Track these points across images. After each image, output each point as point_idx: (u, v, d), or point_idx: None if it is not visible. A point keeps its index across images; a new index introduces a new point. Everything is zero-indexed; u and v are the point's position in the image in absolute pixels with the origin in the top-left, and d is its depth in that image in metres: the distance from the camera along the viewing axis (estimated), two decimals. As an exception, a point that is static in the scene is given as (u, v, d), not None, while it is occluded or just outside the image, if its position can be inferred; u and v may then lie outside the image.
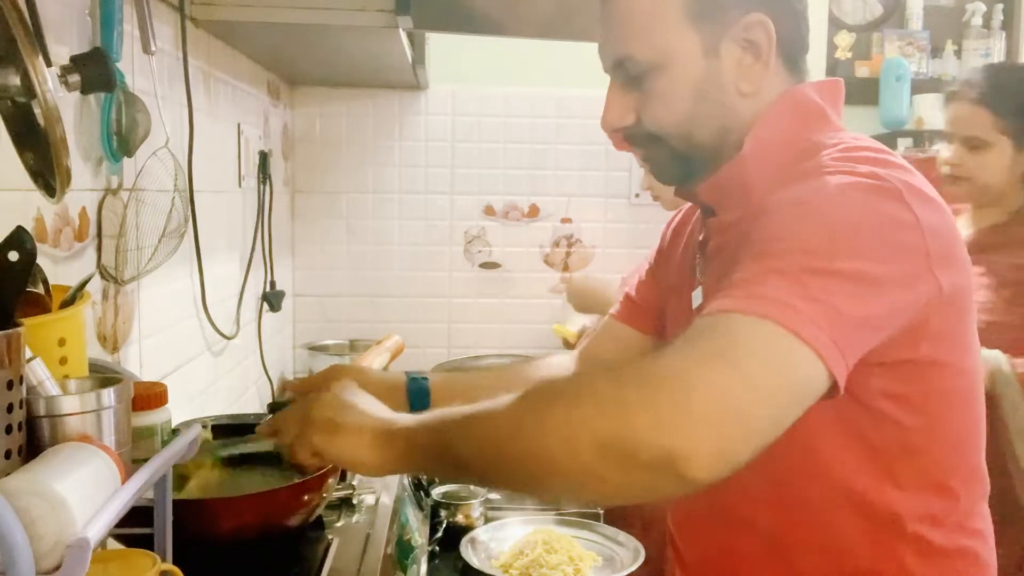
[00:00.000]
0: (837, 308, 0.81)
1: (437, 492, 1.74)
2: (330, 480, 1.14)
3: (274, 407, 1.57)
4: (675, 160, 1.06)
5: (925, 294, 0.88)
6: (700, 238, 1.13)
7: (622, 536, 1.64)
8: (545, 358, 1.38)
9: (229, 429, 1.30)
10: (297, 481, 1.11)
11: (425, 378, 1.28)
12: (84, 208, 1.25)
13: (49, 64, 0.87)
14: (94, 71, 1.11)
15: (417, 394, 1.25)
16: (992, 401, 1.66)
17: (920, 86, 2.93)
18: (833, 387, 0.81)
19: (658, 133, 1.04)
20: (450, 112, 2.85)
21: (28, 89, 0.84)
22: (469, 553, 1.56)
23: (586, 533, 1.67)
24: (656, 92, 1.02)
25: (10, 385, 0.71)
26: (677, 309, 1.17)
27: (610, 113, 1.06)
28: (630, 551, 1.59)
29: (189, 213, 1.51)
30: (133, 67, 1.38)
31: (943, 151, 1.95)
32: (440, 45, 2.68)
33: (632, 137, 1.07)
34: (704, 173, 1.06)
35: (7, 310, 0.73)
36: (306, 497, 1.11)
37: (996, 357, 1.69)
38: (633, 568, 1.53)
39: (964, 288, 0.94)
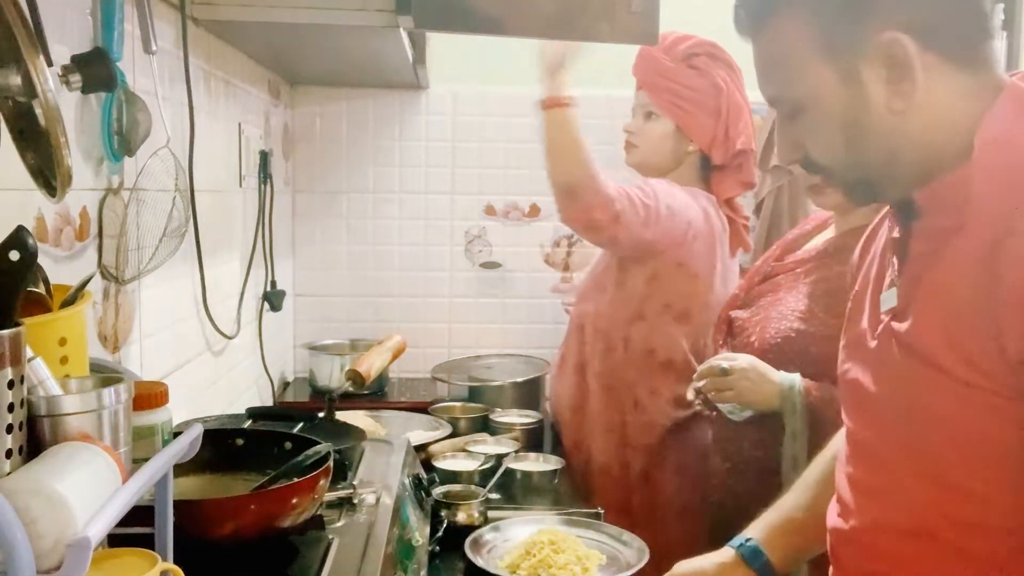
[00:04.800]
0: None
1: (438, 492, 1.73)
2: (322, 481, 1.14)
3: (253, 413, 1.58)
4: (857, 187, 1.05)
5: None
6: (894, 235, 1.07)
7: (626, 535, 1.64)
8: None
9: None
10: (296, 481, 1.11)
11: (749, 538, 1.32)
12: (85, 208, 1.25)
13: (50, 64, 0.87)
14: (95, 71, 1.11)
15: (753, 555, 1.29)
16: (779, 421, 1.67)
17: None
18: None
19: (827, 165, 1.04)
20: (450, 112, 2.85)
21: (29, 89, 0.84)
22: (473, 553, 1.55)
23: (590, 533, 1.66)
24: (808, 129, 1.03)
25: (11, 385, 0.71)
26: (855, 310, 1.13)
27: (780, 149, 1.09)
28: (634, 550, 1.59)
29: (190, 213, 1.51)
30: (134, 67, 1.38)
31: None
32: (440, 45, 2.68)
33: (808, 167, 1.06)
34: (892, 193, 1.04)
35: (8, 310, 0.73)
36: (306, 497, 1.11)
37: (792, 381, 1.66)
38: (639, 567, 1.53)
39: None
